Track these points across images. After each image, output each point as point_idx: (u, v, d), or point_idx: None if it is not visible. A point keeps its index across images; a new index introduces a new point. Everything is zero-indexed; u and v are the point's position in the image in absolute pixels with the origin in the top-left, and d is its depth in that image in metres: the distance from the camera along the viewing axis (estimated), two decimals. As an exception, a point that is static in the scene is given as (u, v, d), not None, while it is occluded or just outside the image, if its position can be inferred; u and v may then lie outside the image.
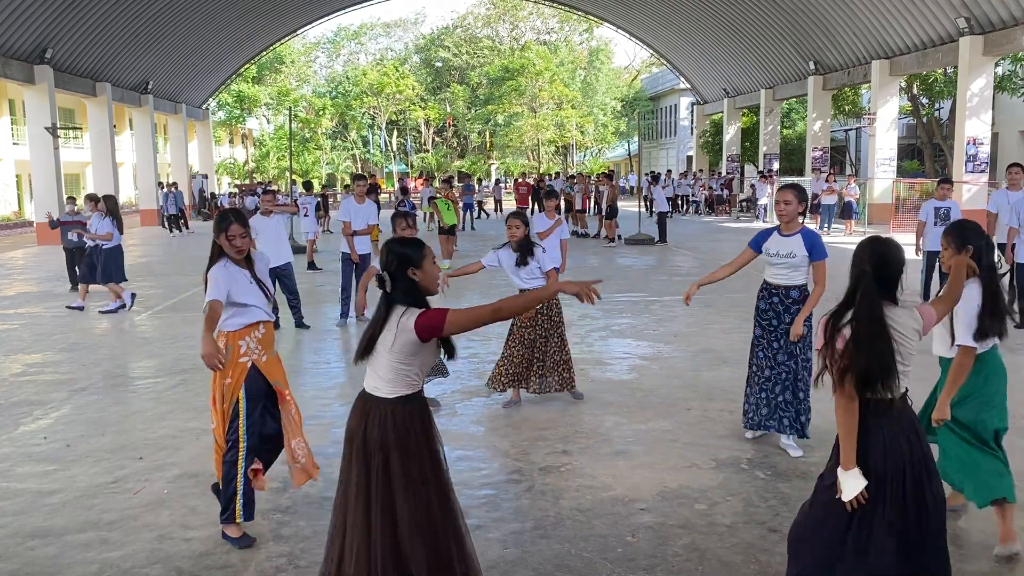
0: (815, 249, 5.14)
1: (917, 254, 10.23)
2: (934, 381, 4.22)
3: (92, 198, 11.99)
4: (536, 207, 25.49)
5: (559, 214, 10.03)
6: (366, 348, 3.08)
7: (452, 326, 2.99)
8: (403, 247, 3.12)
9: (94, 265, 11.38)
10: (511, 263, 6.20)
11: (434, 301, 3.24)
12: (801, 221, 5.25)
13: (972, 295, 3.86)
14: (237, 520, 4.10)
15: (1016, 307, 9.31)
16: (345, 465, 3.17)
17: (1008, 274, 9.58)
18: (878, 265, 2.94)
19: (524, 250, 6.14)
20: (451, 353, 3.21)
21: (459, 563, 3.12)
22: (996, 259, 9.36)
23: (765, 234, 5.36)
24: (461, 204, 23.69)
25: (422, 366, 3.12)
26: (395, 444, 3.05)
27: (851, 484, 2.88)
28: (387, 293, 3.09)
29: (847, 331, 2.89)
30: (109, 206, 11.30)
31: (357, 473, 3.10)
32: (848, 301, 2.95)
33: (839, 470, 2.93)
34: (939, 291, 3.73)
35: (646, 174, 33.02)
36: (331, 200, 32.29)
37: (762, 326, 5.37)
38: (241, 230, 4.12)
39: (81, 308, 11.40)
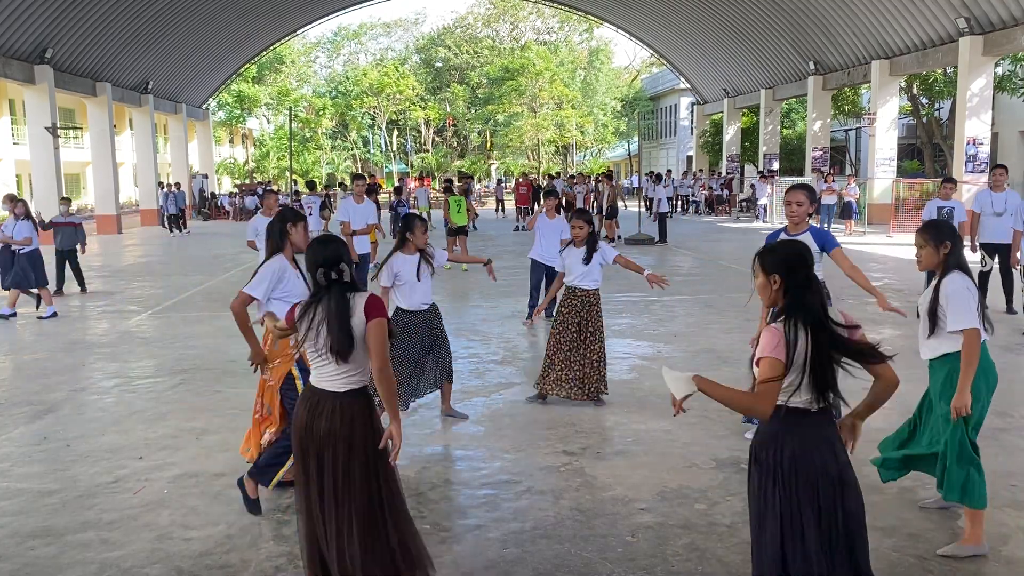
0: (827, 241, 5.27)
1: None
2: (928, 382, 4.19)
3: (11, 199, 11.40)
4: (536, 207, 25.52)
5: (559, 214, 10.07)
6: (347, 341, 3.15)
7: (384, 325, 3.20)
8: (329, 246, 3.27)
9: (8, 268, 10.84)
10: (575, 260, 6.34)
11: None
12: (808, 221, 5.36)
13: (959, 284, 3.85)
14: (270, 487, 4.31)
15: (1016, 307, 9.31)
16: (298, 458, 3.27)
17: (996, 273, 9.58)
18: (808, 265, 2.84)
19: (590, 248, 6.30)
20: (391, 335, 3.32)
21: (401, 553, 3.19)
22: (980, 258, 9.41)
23: (773, 238, 5.41)
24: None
25: (364, 359, 3.23)
26: (342, 435, 3.17)
27: (681, 384, 2.75)
28: (342, 283, 3.21)
29: (804, 340, 2.72)
30: (27, 210, 11.01)
31: (311, 467, 3.21)
32: (793, 308, 2.75)
33: (668, 371, 2.81)
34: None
35: (647, 174, 33.00)
36: (333, 199, 32.30)
37: None
38: (306, 230, 4.63)
39: (13, 315, 10.76)
